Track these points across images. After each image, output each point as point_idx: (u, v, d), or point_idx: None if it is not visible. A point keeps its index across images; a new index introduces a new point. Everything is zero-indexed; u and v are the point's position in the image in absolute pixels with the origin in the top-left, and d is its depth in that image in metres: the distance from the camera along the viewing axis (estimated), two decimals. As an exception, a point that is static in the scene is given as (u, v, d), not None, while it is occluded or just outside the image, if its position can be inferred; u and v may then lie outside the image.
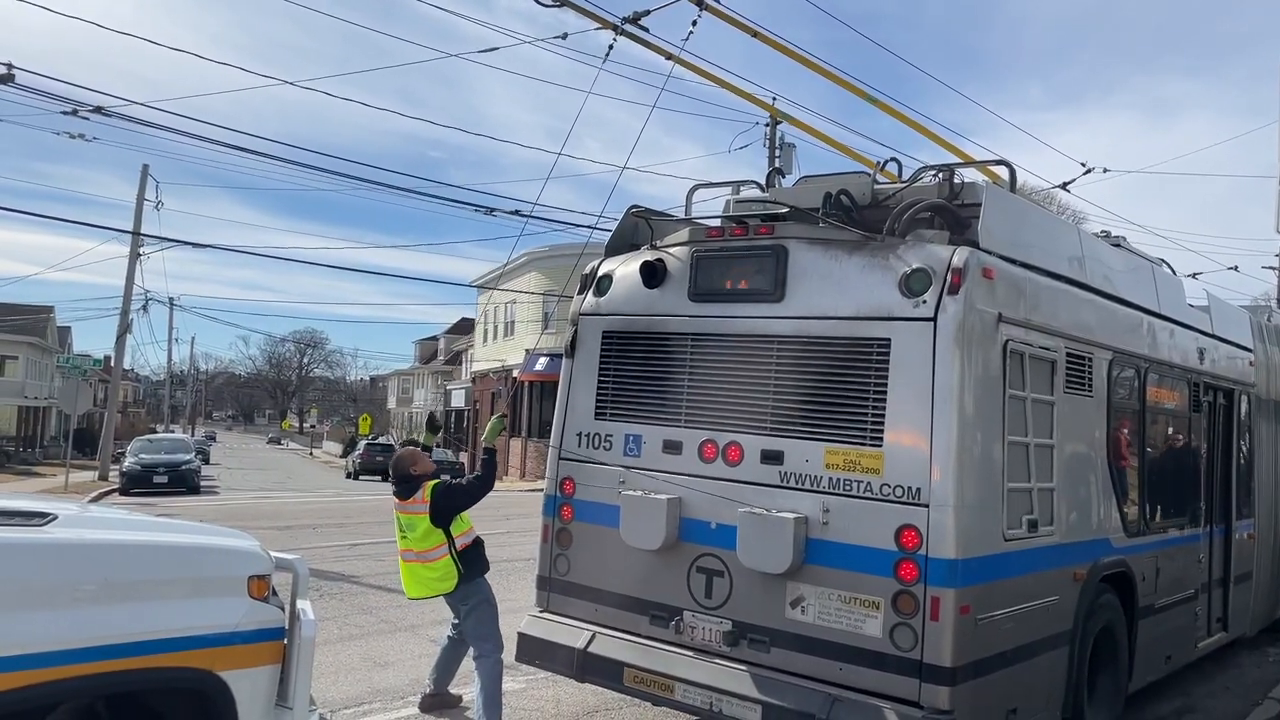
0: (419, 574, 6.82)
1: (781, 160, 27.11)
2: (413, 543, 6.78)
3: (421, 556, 6.78)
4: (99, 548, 4.15)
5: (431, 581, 6.81)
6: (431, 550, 6.76)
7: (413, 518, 6.78)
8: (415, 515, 6.77)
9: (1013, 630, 5.56)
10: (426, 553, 6.77)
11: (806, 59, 8.23)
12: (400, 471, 6.91)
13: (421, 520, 6.73)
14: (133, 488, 29.85)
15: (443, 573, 6.75)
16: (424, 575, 6.81)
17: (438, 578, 6.78)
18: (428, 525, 6.72)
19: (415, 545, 6.78)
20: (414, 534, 6.76)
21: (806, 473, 5.65)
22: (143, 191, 35.51)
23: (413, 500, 6.78)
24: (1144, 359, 7.43)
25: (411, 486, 6.82)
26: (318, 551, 14.76)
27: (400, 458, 7.02)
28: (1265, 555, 9.93)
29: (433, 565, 6.76)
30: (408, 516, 6.81)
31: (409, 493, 6.81)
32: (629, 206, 7.05)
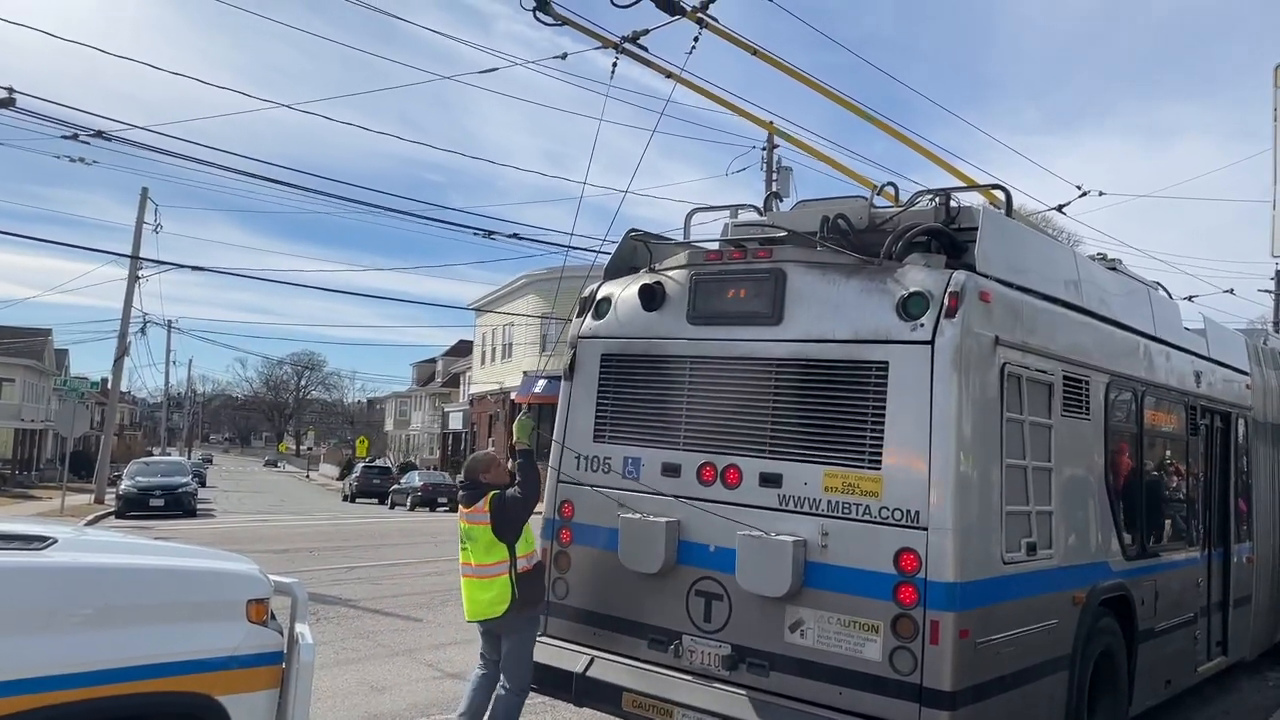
0: (474, 593, 6.34)
1: (779, 183, 27.24)
2: (473, 555, 6.33)
3: (480, 572, 6.29)
4: (98, 572, 4.16)
5: (483, 604, 6.28)
6: (491, 566, 6.27)
7: (474, 528, 6.32)
8: (477, 525, 6.32)
9: (1012, 654, 5.55)
10: (486, 567, 6.27)
11: (805, 77, 8.28)
12: (470, 475, 6.48)
13: (484, 531, 6.28)
14: (129, 511, 29.75)
15: (497, 594, 6.25)
16: (478, 595, 6.30)
17: (491, 599, 6.26)
18: (490, 538, 6.26)
19: (475, 558, 6.31)
20: (475, 546, 6.31)
21: (805, 495, 5.65)
22: (142, 214, 35.59)
23: (475, 509, 6.35)
24: (1141, 382, 7.45)
25: (477, 493, 6.38)
26: (314, 575, 14.71)
27: (475, 460, 6.60)
28: (1264, 578, 9.91)
29: (488, 583, 6.27)
30: (469, 526, 6.35)
31: (473, 500, 6.39)
32: (628, 230, 7.09)
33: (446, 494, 41.15)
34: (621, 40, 7.48)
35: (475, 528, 6.32)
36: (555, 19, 6.97)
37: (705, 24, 7.36)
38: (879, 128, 9.04)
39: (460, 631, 10.87)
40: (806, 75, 8.38)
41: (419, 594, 13.48)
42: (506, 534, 6.27)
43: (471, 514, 6.35)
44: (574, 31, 7.21)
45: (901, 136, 9.25)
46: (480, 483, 6.41)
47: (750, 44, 7.96)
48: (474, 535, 6.31)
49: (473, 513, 6.34)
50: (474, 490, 6.40)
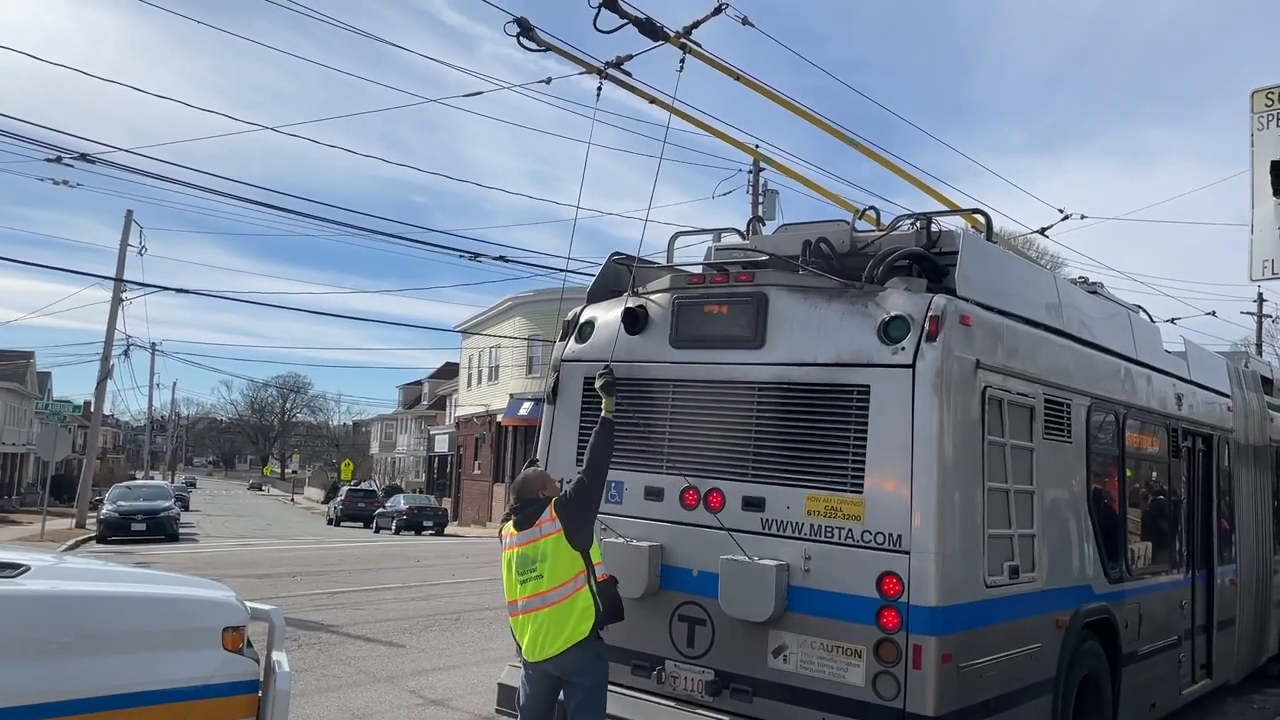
0: (550, 621, 5.38)
1: (764, 206, 27.39)
2: (548, 578, 5.39)
3: (559, 594, 5.39)
4: (70, 600, 4.11)
5: (567, 629, 5.36)
6: (570, 582, 5.40)
7: (543, 543, 5.45)
8: (547, 539, 5.46)
9: (995, 678, 5.53)
10: (563, 586, 5.39)
11: (788, 101, 8.34)
12: (528, 495, 5.64)
13: (555, 543, 5.43)
14: (110, 535, 29.44)
15: (583, 609, 5.40)
16: (558, 622, 5.37)
17: (578, 616, 5.38)
18: (564, 546, 5.42)
19: (551, 581, 5.38)
20: (548, 565, 5.39)
21: (788, 519, 5.64)
22: (126, 237, 35.46)
23: (539, 523, 5.50)
24: (1122, 405, 7.48)
25: (537, 509, 5.56)
26: (297, 600, 14.58)
27: (529, 478, 5.76)
28: (1248, 601, 9.92)
29: (569, 604, 5.38)
30: (534, 546, 5.46)
31: (533, 517, 5.53)
32: (611, 253, 7.10)
33: (432, 517, 41.00)
34: (605, 66, 7.53)
35: (545, 542, 5.46)
36: (539, 45, 7.01)
37: (689, 49, 7.40)
38: (862, 151, 9.09)
39: (444, 657, 10.79)
40: (790, 100, 8.44)
41: (403, 619, 13.37)
42: (582, 531, 5.49)
43: (534, 530, 5.50)
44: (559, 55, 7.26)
45: (884, 161, 9.31)
46: (539, 499, 5.63)
47: (733, 69, 8.01)
48: (544, 552, 5.43)
49: (536, 528, 5.50)
50: (532, 507, 5.59)
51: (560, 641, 5.37)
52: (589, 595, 5.42)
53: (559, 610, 5.38)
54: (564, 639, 5.36)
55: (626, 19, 6.95)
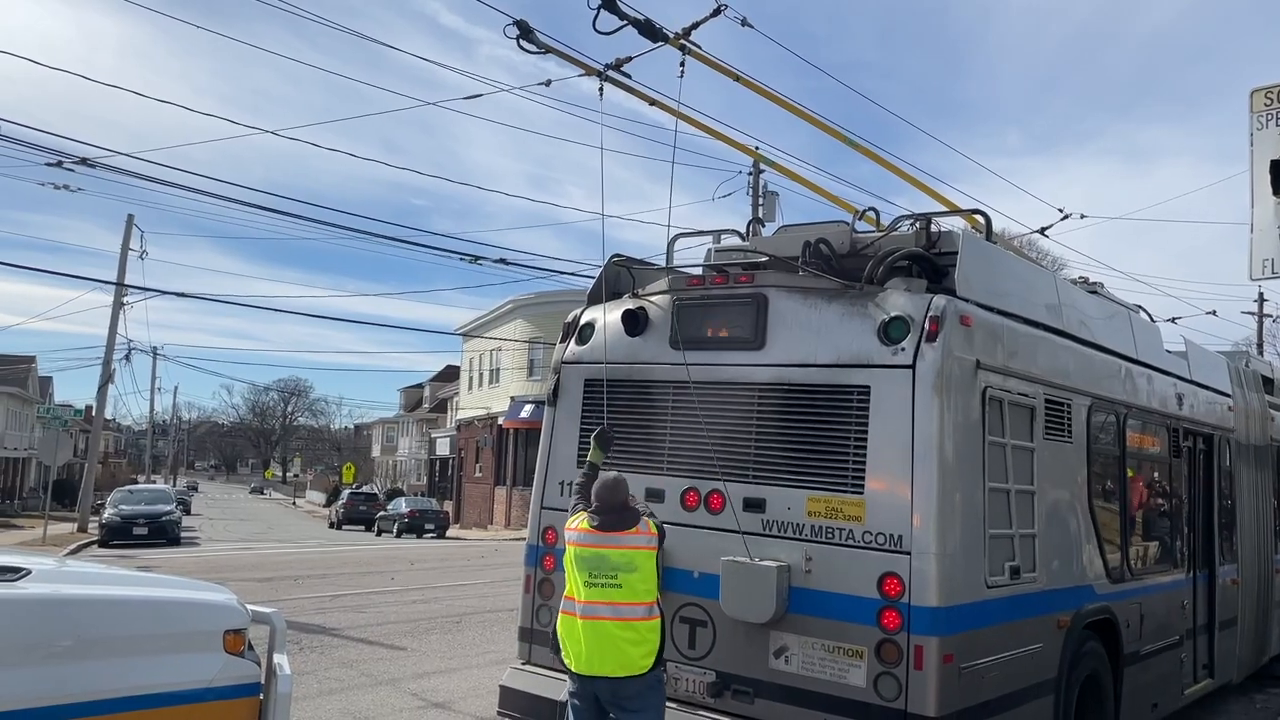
0: (615, 639, 4.98)
1: (764, 208, 27.40)
2: (627, 590, 5.01)
3: (632, 612, 4.99)
4: (71, 603, 4.11)
5: (632, 655, 4.99)
6: (648, 606, 5.06)
7: (633, 554, 5.06)
8: (639, 551, 5.07)
9: (997, 679, 5.53)
10: (639, 607, 5.01)
11: (787, 102, 8.35)
12: (618, 500, 5.21)
13: (648, 557, 5.09)
14: (112, 540, 29.44)
15: (651, 643, 5.04)
16: (623, 644, 4.98)
17: (644, 651, 5.01)
18: (653, 569, 5.10)
19: (630, 595, 5.01)
20: (634, 578, 5.02)
21: (789, 520, 5.64)
22: (127, 241, 35.47)
23: (634, 531, 5.11)
24: (1123, 405, 7.48)
25: (630, 517, 5.18)
26: (298, 603, 14.58)
27: (621, 484, 5.26)
28: (1250, 600, 9.92)
29: (641, 629, 5.02)
30: (624, 553, 5.06)
31: (626, 524, 5.15)
32: (611, 255, 7.10)
33: (433, 520, 41.01)
34: (605, 68, 7.53)
35: (639, 553, 5.09)
36: (539, 47, 7.02)
37: (688, 50, 7.42)
38: (861, 152, 9.10)
39: (445, 660, 10.79)
40: (789, 101, 8.45)
41: (404, 622, 13.37)
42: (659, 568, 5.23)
43: (631, 536, 5.11)
44: (558, 57, 7.27)
45: (884, 161, 9.31)
46: (629, 508, 5.24)
47: (733, 70, 8.02)
48: (635, 563, 5.06)
49: (633, 535, 5.11)
50: (625, 512, 5.21)
51: (616, 665, 4.99)
52: (659, 628, 5.10)
53: (627, 629, 5.00)
54: (624, 664, 4.99)
55: (626, 20, 6.96)
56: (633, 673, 5.00)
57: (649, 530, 5.18)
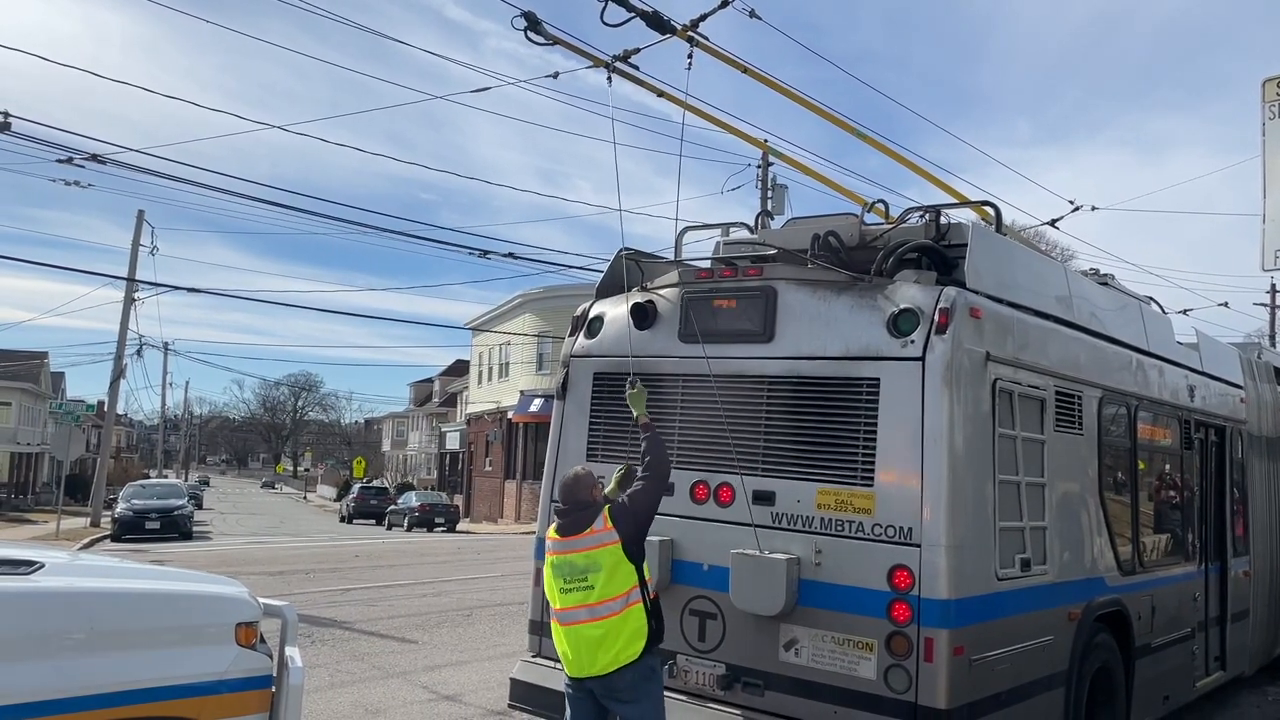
0: (600, 635, 5.00)
1: (774, 201, 27.34)
2: (599, 590, 5.02)
3: (609, 608, 5.02)
4: (84, 596, 4.13)
5: (616, 647, 4.98)
6: (622, 596, 5.04)
7: (594, 553, 5.08)
8: (599, 549, 5.08)
9: (1007, 671, 5.52)
10: (615, 600, 5.02)
11: (796, 94, 8.31)
12: (575, 495, 5.23)
13: (611, 553, 5.07)
14: (125, 534, 29.60)
15: (635, 629, 5.03)
16: (609, 637, 4.99)
17: (628, 637, 5.00)
18: (620, 557, 5.07)
19: (602, 593, 5.02)
20: (600, 576, 5.03)
21: (798, 513, 5.64)
22: (138, 237, 35.63)
23: (593, 531, 5.11)
24: (1134, 396, 7.45)
25: (589, 514, 5.17)
26: (310, 597, 14.64)
27: (578, 478, 5.29)
28: (1262, 592, 9.88)
29: (621, 620, 5.01)
30: (585, 555, 5.09)
31: (582, 525, 5.15)
32: (619, 249, 7.10)
33: (443, 514, 41.12)
34: (613, 59, 7.50)
35: (599, 552, 5.09)
36: (546, 39, 7.00)
37: (696, 42, 7.38)
38: (870, 144, 9.06)
39: (456, 653, 10.82)
40: (798, 93, 8.41)
41: (415, 615, 13.41)
42: (638, 542, 5.19)
43: (588, 538, 5.12)
44: (565, 50, 7.25)
45: (893, 153, 9.28)
46: (590, 501, 5.23)
47: (741, 62, 7.99)
48: (598, 562, 5.08)
49: (589, 536, 5.13)
50: (583, 511, 5.20)
51: (606, 660, 4.98)
52: (642, 614, 5.05)
53: (607, 626, 5.00)
54: (610, 658, 4.97)
55: (634, 12, 6.93)
56: (621, 664, 4.98)
57: (605, 526, 5.12)
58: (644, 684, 5.07)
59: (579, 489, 5.26)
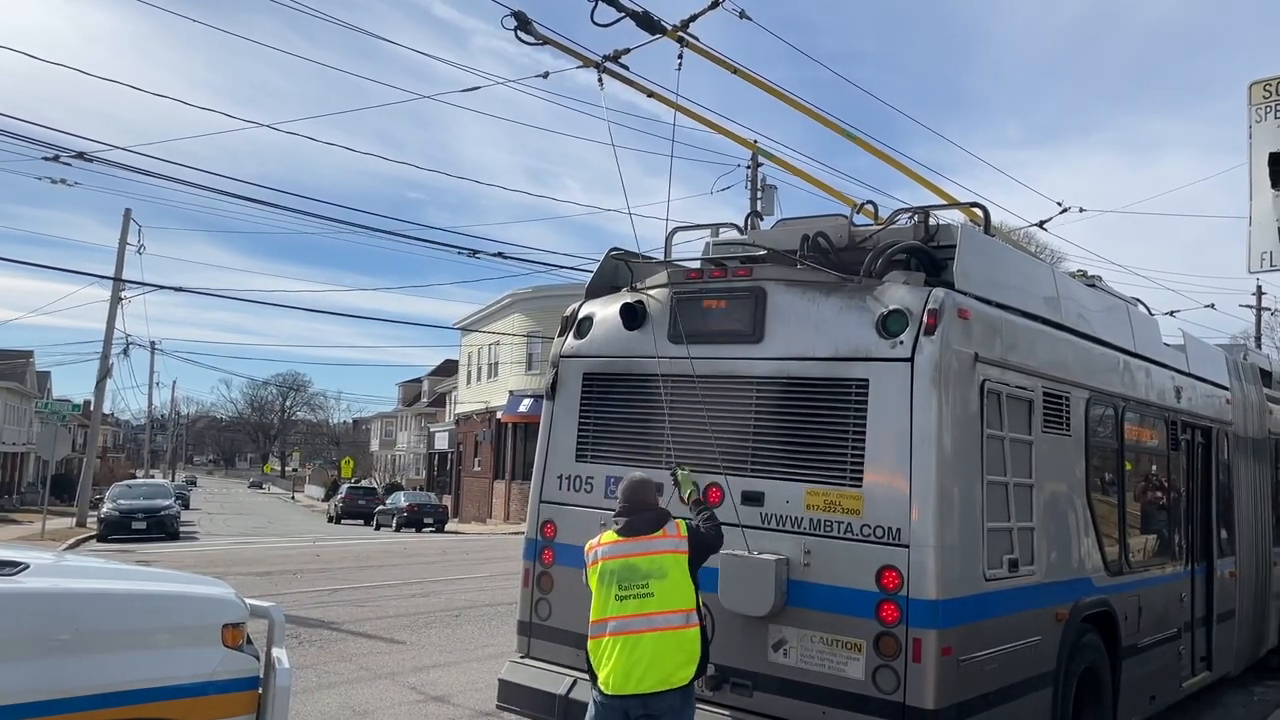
0: (656, 651, 4.72)
1: (763, 202, 27.36)
2: (659, 599, 4.78)
3: (670, 621, 4.75)
4: (69, 597, 4.11)
5: (670, 666, 4.73)
6: (685, 613, 4.82)
7: (661, 558, 4.85)
8: (668, 555, 4.87)
9: (995, 671, 5.53)
10: (677, 614, 4.78)
11: (785, 95, 8.33)
12: (646, 498, 5.09)
13: (677, 563, 4.87)
14: (111, 534, 29.45)
15: (691, 652, 4.80)
16: (664, 654, 4.73)
17: (682, 660, 4.77)
18: (684, 571, 4.88)
19: (663, 603, 4.78)
20: (665, 585, 4.81)
21: (787, 514, 5.64)
22: (125, 236, 35.43)
23: (663, 535, 4.93)
24: (1121, 398, 7.48)
25: (655, 518, 5.01)
26: (298, 598, 14.59)
27: (645, 481, 5.15)
28: (1248, 593, 9.93)
29: (680, 638, 4.78)
30: (651, 559, 4.85)
31: (652, 526, 4.97)
32: (609, 249, 7.10)
33: (432, 514, 41.04)
34: (603, 59, 7.50)
35: (667, 557, 4.88)
36: (536, 39, 6.99)
37: (686, 42, 7.39)
38: (860, 145, 9.09)
39: (444, 654, 10.80)
40: (787, 93, 8.43)
41: (403, 616, 13.38)
42: (698, 566, 5.02)
43: (659, 540, 4.92)
44: (555, 49, 7.24)
45: (882, 154, 9.31)
46: (656, 508, 5.08)
47: (731, 62, 8.00)
48: (663, 568, 4.85)
49: (661, 539, 4.93)
50: (651, 512, 5.04)
51: (657, 679, 4.70)
52: (699, 636, 4.84)
53: (664, 639, 4.74)
54: (662, 678, 4.71)
55: (624, 12, 6.93)
56: (670, 686, 4.72)
57: (678, 533, 4.96)
58: (685, 707, 4.82)
59: (646, 491, 5.10)
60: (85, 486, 35.62)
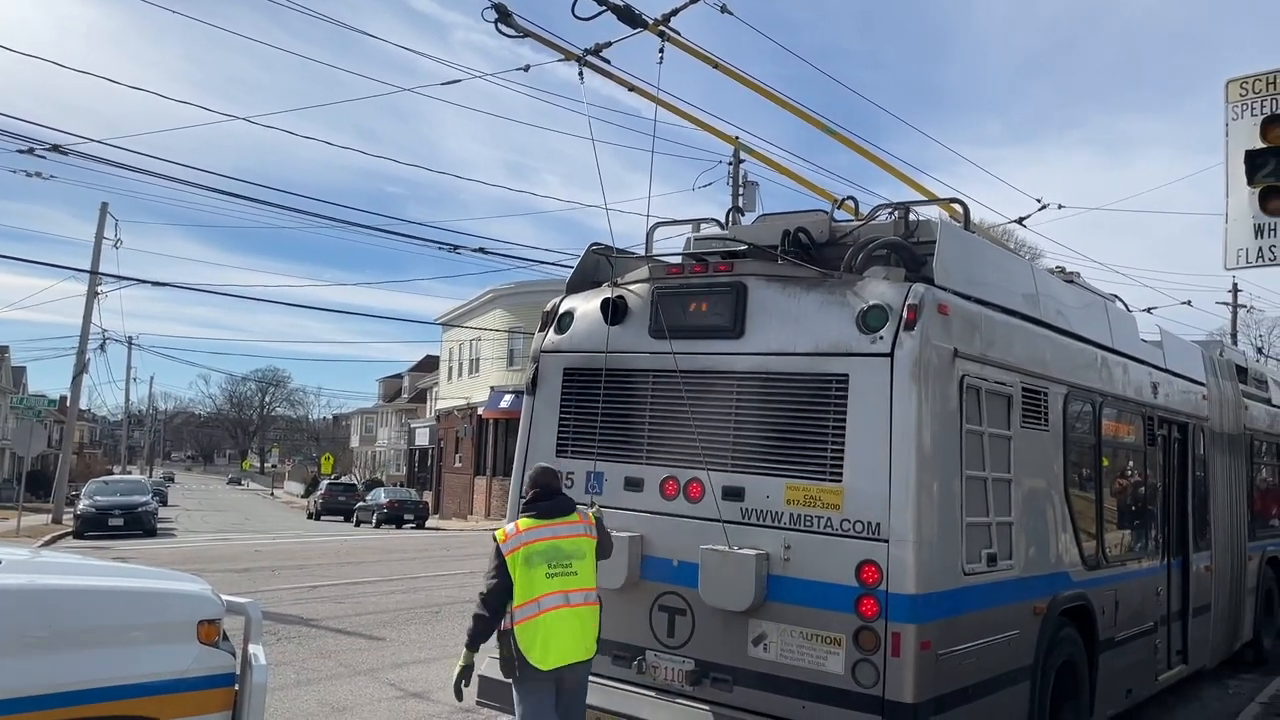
0: (585, 625, 5.26)
1: (744, 198, 27.38)
2: (582, 577, 5.27)
3: (591, 596, 5.31)
4: (44, 594, 4.06)
5: (591, 637, 5.31)
6: (595, 591, 5.37)
7: (580, 541, 5.34)
8: (585, 538, 5.37)
9: (974, 665, 5.56)
10: (592, 592, 5.32)
11: (766, 90, 8.32)
12: (555, 485, 5.51)
13: (591, 546, 5.39)
14: (87, 531, 29.19)
15: (597, 625, 5.38)
16: (589, 627, 5.28)
17: (596, 631, 5.35)
18: (594, 554, 5.41)
19: (584, 581, 5.27)
20: (583, 564, 5.29)
21: (768, 509, 5.65)
22: (101, 230, 35.09)
23: (578, 519, 5.40)
24: (1099, 393, 7.52)
25: (567, 503, 5.46)
26: (276, 594, 14.50)
27: (552, 471, 5.55)
28: (1223, 587, 10.02)
29: (594, 612, 5.34)
30: (573, 541, 5.31)
31: (564, 509, 5.40)
32: (590, 244, 7.08)
33: (412, 511, 40.89)
34: (584, 53, 7.48)
35: (585, 540, 5.37)
36: (517, 31, 6.96)
37: (667, 37, 7.37)
38: (841, 141, 9.10)
39: (424, 650, 10.76)
40: (768, 89, 8.42)
41: (382, 612, 13.33)
42: (601, 558, 5.54)
43: (577, 525, 5.38)
44: (535, 43, 7.21)
45: (863, 150, 9.32)
46: (563, 494, 5.54)
47: (712, 57, 7.99)
48: (583, 549, 5.33)
49: (579, 523, 5.39)
50: (559, 499, 5.46)
51: (584, 649, 5.22)
52: (599, 613, 5.38)
53: (585, 615, 5.23)
54: (587, 648, 5.24)
55: (605, 5, 6.91)
56: (590, 655, 5.30)
57: (590, 521, 5.45)
58: (589, 677, 5.42)
59: (554, 479, 5.52)
60: (61, 483, 35.30)
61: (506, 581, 5.12)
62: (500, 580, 5.13)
